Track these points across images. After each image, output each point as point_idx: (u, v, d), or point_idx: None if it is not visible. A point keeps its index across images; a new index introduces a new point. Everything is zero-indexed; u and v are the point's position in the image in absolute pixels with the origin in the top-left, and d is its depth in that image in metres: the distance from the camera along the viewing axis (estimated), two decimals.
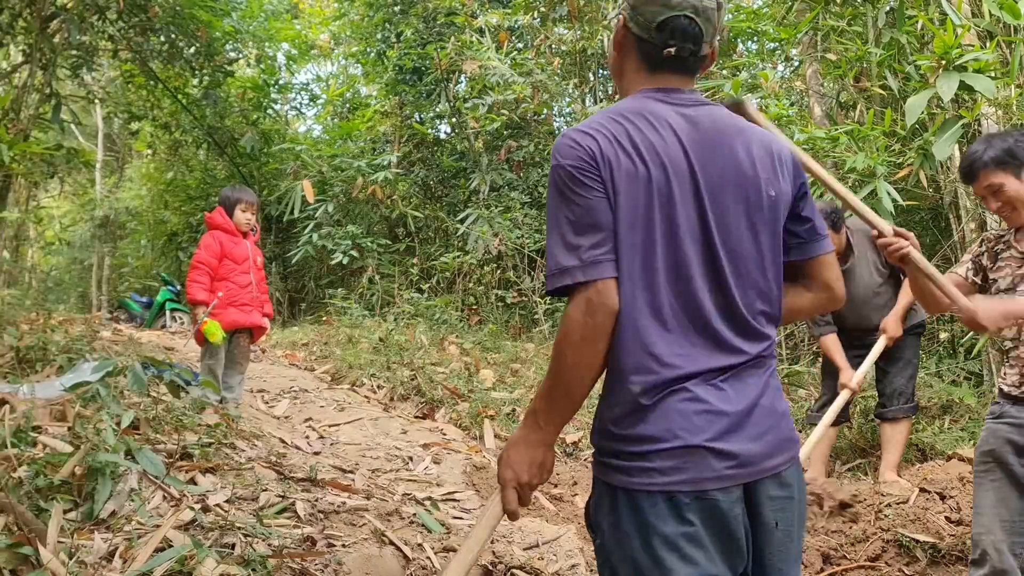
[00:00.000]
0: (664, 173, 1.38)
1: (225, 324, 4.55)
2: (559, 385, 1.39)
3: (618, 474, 1.37)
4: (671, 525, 1.31)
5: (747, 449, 1.36)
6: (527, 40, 10.39)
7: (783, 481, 1.41)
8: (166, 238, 14.31)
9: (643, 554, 1.33)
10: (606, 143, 1.38)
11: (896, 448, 4.25)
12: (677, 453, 1.33)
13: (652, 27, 1.47)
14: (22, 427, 2.73)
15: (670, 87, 1.51)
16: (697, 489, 1.32)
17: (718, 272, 1.40)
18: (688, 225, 1.38)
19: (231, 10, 10.93)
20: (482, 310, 9.00)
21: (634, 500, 1.34)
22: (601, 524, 1.42)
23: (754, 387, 1.41)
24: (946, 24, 4.85)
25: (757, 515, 1.38)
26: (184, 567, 2.12)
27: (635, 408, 1.35)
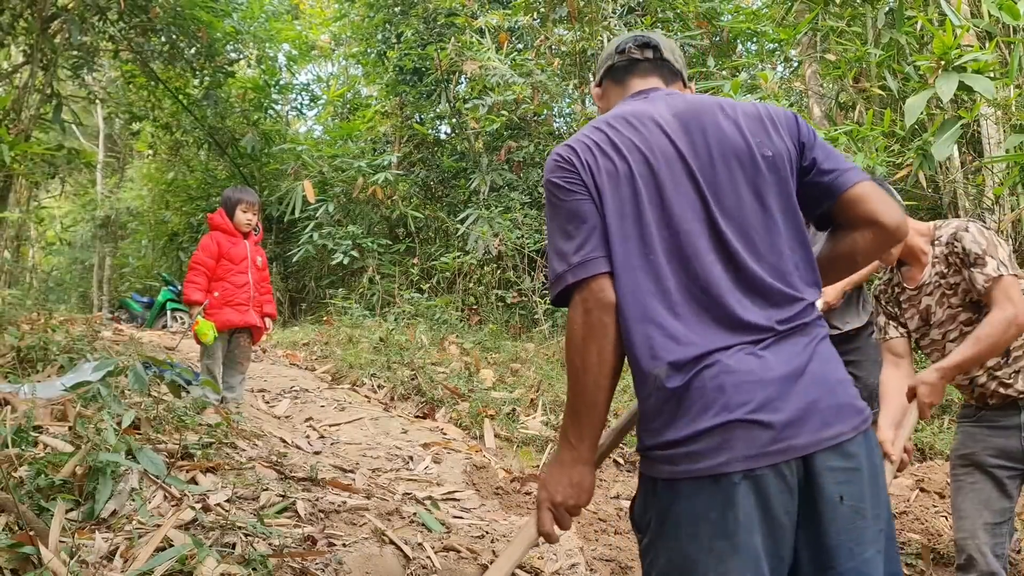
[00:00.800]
0: (647, 164, 1.42)
1: (220, 323, 4.58)
2: (577, 395, 1.39)
3: (661, 464, 1.33)
4: (719, 510, 1.25)
5: (796, 419, 1.27)
6: (527, 41, 10.40)
7: (846, 452, 1.30)
8: (167, 238, 14.32)
9: (693, 545, 1.27)
10: (584, 150, 1.45)
11: None
12: (717, 431, 1.26)
13: (613, 54, 1.71)
14: (23, 427, 2.73)
15: (646, 88, 1.63)
16: (744, 468, 1.24)
17: (725, 244, 1.38)
18: (683, 206, 1.39)
19: (232, 11, 10.93)
20: (482, 310, 9.00)
21: (678, 489, 1.29)
22: (648, 520, 1.37)
23: (799, 354, 1.33)
24: (945, 25, 4.86)
25: (818, 489, 1.28)
26: (185, 566, 2.13)
27: (665, 394, 1.31)
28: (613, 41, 1.74)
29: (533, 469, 4.64)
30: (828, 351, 1.40)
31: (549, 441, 4.97)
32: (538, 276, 8.90)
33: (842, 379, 1.38)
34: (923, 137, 5.26)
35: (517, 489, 4.20)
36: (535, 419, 5.29)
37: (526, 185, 9.95)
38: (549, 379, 6.07)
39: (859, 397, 1.39)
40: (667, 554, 1.31)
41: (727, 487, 1.25)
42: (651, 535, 1.35)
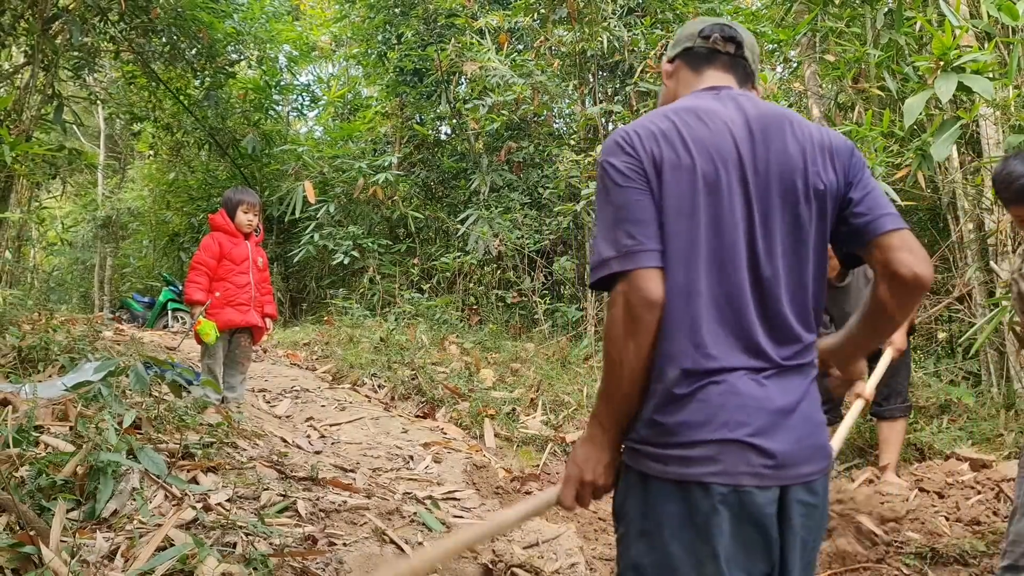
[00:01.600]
0: (712, 164, 1.39)
1: (221, 323, 4.61)
2: (612, 384, 1.38)
3: (653, 462, 1.35)
4: (704, 516, 1.29)
5: (786, 451, 1.32)
6: (527, 41, 10.40)
7: (813, 489, 1.37)
8: (168, 238, 14.33)
9: (675, 545, 1.31)
10: (649, 138, 1.40)
11: (895, 448, 4.28)
12: (715, 445, 1.30)
13: (696, 36, 1.61)
14: (24, 426, 2.74)
15: (719, 85, 1.56)
16: (734, 483, 1.29)
17: (758, 266, 1.39)
18: (734, 217, 1.38)
19: (233, 12, 10.94)
20: (482, 310, 9.01)
21: (668, 489, 1.32)
22: (628, 513, 1.40)
23: (795, 391, 1.38)
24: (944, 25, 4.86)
25: (787, 520, 1.34)
26: (185, 566, 2.14)
27: (672, 398, 1.34)
28: (696, 22, 1.66)
29: (533, 469, 4.65)
30: (815, 393, 1.44)
31: (549, 441, 4.98)
32: (538, 276, 8.91)
33: (821, 422, 1.43)
34: (922, 137, 5.26)
35: (517, 489, 4.21)
36: (535, 419, 5.30)
37: (526, 185, 9.96)
38: (549, 379, 6.08)
39: (828, 441, 1.45)
40: (647, 549, 1.35)
41: (715, 496, 1.29)
42: (631, 528, 1.40)
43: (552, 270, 8.82)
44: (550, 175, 9.48)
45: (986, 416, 5.04)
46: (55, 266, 18.17)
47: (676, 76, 1.65)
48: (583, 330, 8.18)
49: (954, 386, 5.53)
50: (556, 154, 8.94)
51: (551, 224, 9.01)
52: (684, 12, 9.09)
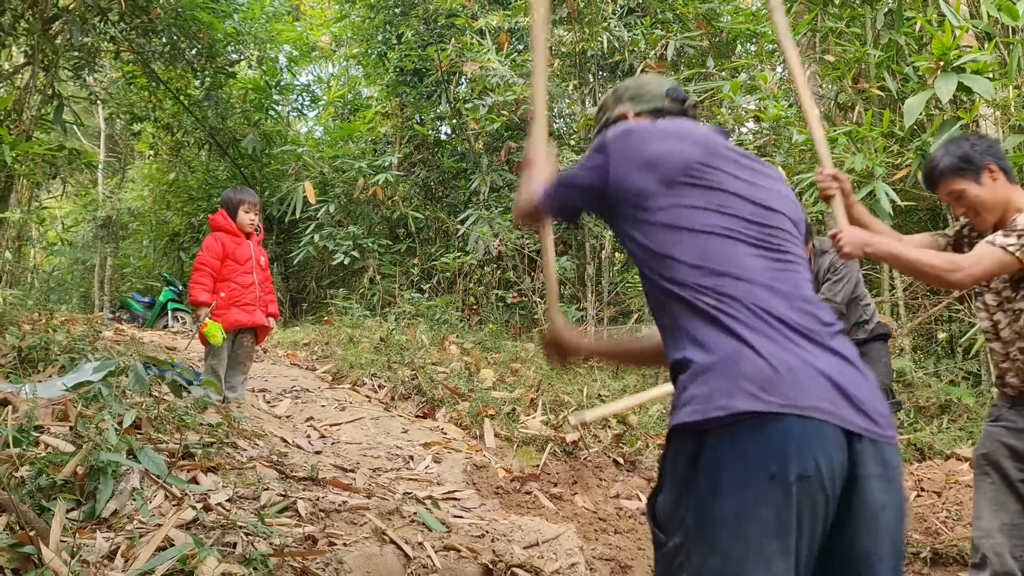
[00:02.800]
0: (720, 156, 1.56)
1: (227, 324, 4.59)
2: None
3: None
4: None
5: None
6: (527, 41, 10.39)
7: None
8: (168, 239, 14.32)
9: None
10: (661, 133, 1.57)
11: None
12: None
13: (665, 98, 1.76)
14: (24, 426, 2.74)
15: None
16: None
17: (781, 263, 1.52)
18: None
19: (233, 12, 10.93)
20: (482, 310, 9.01)
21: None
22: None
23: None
24: (944, 25, 4.86)
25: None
26: (186, 566, 2.14)
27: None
28: (654, 80, 1.77)
29: (533, 469, 4.65)
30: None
31: (549, 441, 4.98)
32: (538, 276, 8.91)
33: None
34: (922, 137, 5.26)
35: (517, 488, 4.21)
36: (535, 419, 5.30)
37: None
38: (549, 379, 6.08)
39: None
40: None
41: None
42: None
43: None
44: None
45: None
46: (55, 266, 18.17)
47: None
48: (583, 330, 8.18)
49: (954, 386, 5.54)
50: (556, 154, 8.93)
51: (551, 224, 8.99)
52: (684, 12, 9.09)
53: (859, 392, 1.30)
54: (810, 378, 1.27)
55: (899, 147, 5.74)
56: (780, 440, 1.22)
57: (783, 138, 6.41)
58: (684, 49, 9.15)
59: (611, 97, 1.83)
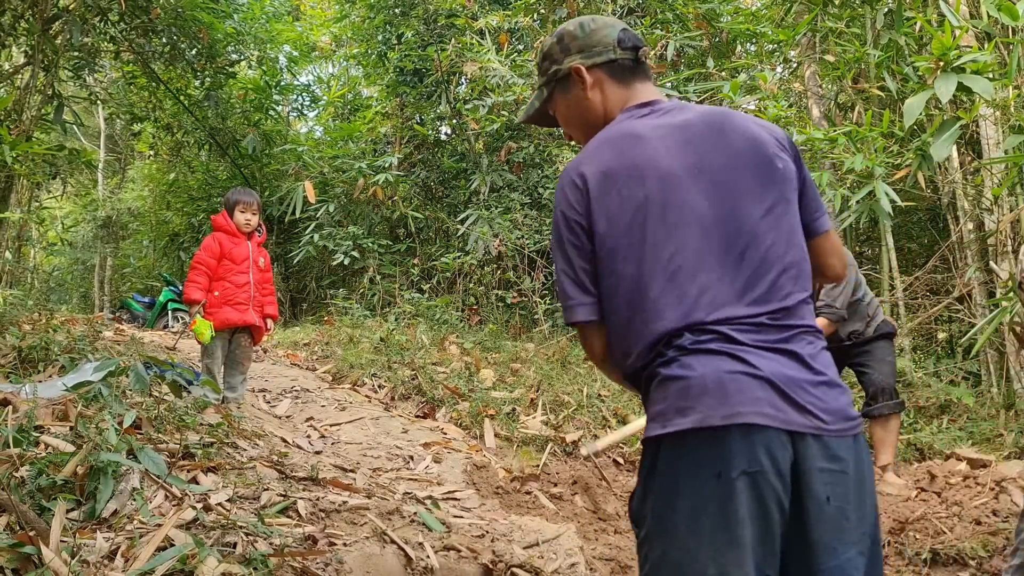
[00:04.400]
0: (663, 181, 1.46)
1: (219, 322, 4.63)
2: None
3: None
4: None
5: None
6: (527, 42, 10.40)
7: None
8: (168, 239, 14.33)
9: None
10: (594, 181, 1.48)
11: (890, 447, 4.27)
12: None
13: (613, 46, 1.62)
14: (24, 426, 2.74)
15: (647, 100, 1.61)
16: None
17: (741, 261, 1.44)
18: (703, 223, 1.44)
19: (233, 12, 10.93)
20: (482, 310, 9.01)
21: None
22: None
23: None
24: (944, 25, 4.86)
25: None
26: (186, 566, 2.14)
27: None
28: (599, 24, 1.65)
29: (533, 469, 4.65)
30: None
31: (549, 441, 4.98)
32: (538, 276, 8.91)
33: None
34: (922, 138, 5.26)
35: (517, 489, 4.21)
36: (535, 419, 5.30)
37: (526, 186, 9.95)
38: (549, 379, 6.08)
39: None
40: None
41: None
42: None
43: (552, 270, 8.81)
44: (550, 175, 9.48)
45: (986, 416, 5.05)
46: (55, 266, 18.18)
47: (602, 90, 1.64)
48: None
49: (954, 386, 5.54)
50: (556, 154, 8.95)
51: (551, 224, 8.99)
52: (684, 12, 9.09)
53: (804, 393, 1.37)
54: (753, 387, 1.35)
55: (899, 147, 5.74)
56: (725, 446, 1.32)
57: None
58: (684, 49, 9.15)
59: (556, 45, 1.68)
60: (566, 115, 1.70)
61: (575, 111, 1.67)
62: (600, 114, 1.64)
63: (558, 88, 1.68)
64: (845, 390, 1.45)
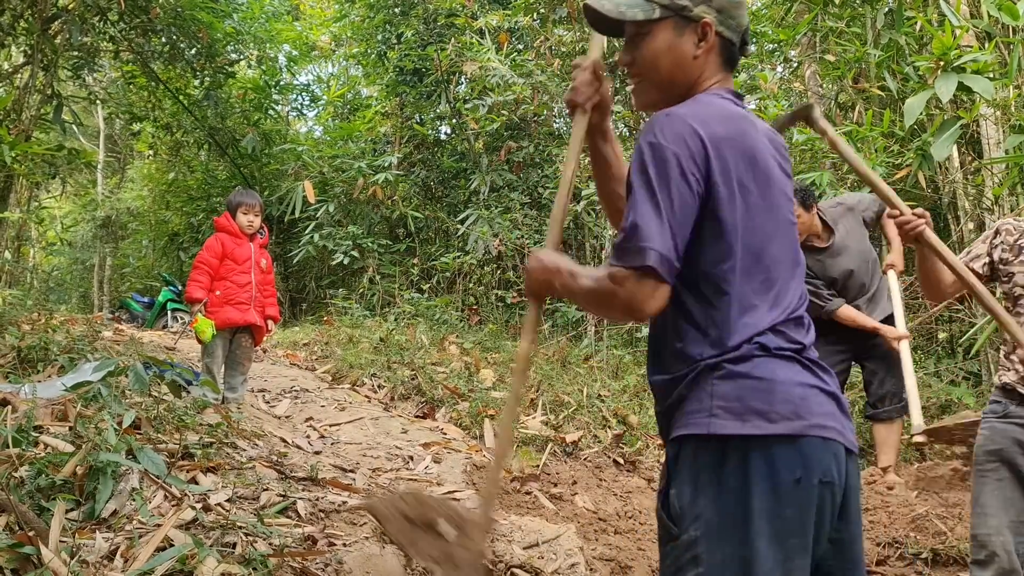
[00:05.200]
0: (762, 178, 1.45)
1: (220, 322, 4.65)
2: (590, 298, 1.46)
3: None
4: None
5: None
6: (527, 41, 10.40)
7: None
8: (167, 238, 14.33)
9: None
10: (721, 141, 1.39)
11: (893, 449, 4.27)
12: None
13: (740, 31, 1.54)
14: (24, 427, 2.74)
15: (734, 90, 1.59)
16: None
17: (794, 275, 1.51)
18: (781, 230, 1.48)
19: (232, 11, 10.93)
20: (482, 310, 9.01)
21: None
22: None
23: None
24: (945, 25, 4.86)
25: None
26: (185, 566, 2.13)
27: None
28: (744, 6, 1.54)
29: (533, 469, 4.65)
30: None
31: (549, 441, 4.98)
32: None
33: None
34: (922, 137, 5.26)
35: (517, 489, 4.20)
36: (535, 419, 5.29)
37: (526, 185, 9.95)
38: (549, 379, 6.07)
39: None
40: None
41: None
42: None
43: None
44: (550, 175, 9.48)
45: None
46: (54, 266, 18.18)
47: (707, 59, 1.51)
48: (583, 330, 8.18)
49: (955, 386, 5.53)
50: (556, 154, 8.94)
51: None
52: None
53: (846, 411, 1.44)
54: (823, 402, 1.38)
55: (899, 147, 5.73)
56: (805, 454, 1.33)
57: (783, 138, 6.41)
58: None
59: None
60: (655, 56, 1.51)
61: (671, 59, 1.50)
62: (691, 81, 1.52)
63: (672, 24, 1.49)
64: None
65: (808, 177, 5.70)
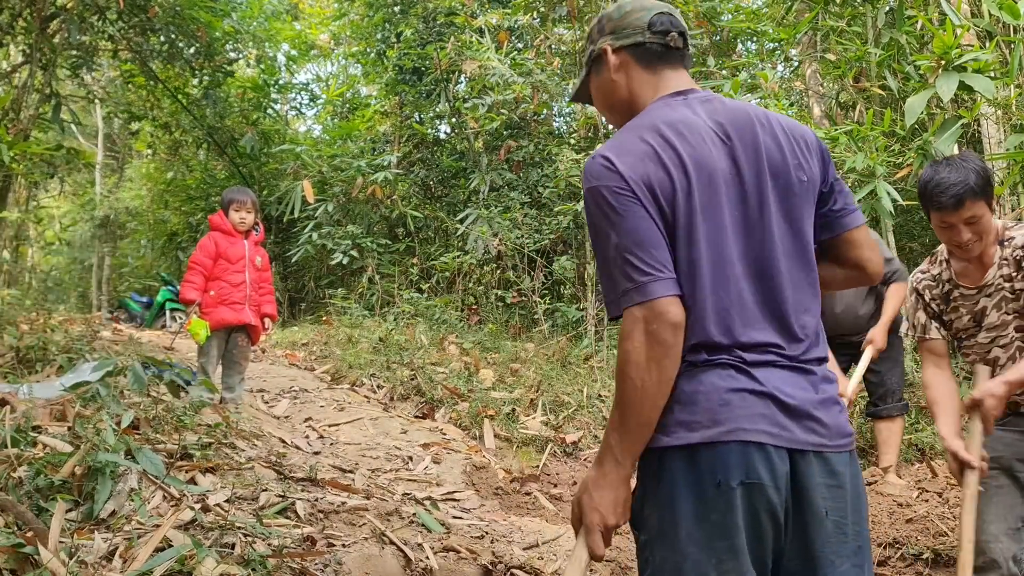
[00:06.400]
0: (706, 181, 1.39)
1: (215, 321, 4.61)
2: (632, 413, 1.34)
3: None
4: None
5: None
6: (527, 40, 10.40)
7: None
8: (166, 238, 14.32)
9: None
10: (637, 161, 1.38)
11: (894, 448, 4.27)
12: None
13: (644, 30, 1.55)
14: (22, 427, 2.73)
15: (681, 88, 1.54)
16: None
17: (762, 271, 1.42)
18: (736, 226, 1.41)
19: (231, 10, 10.92)
20: (482, 310, 9.00)
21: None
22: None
23: (804, 389, 1.44)
24: (945, 24, 4.86)
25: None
26: (184, 567, 2.12)
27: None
28: (639, 7, 1.57)
29: (533, 469, 4.64)
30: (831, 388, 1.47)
31: (549, 441, 4.97)
32: (538, 276, 8.90)
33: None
34: (923, 137, 5.25)
35: (516, 489, 4.20)
36: (535, 419, 5.29)
37: (526, 185, 9.94)
38: (549, 379, 6.06)
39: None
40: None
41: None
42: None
43: (552, 270, 8.80)
44: (550, 174, 9.46)
45: None
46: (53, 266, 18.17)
47: (627, 73, 1.57)
48: (583, 330, 8.17)
49: None
50: (556, 153, 8.93)
51: (551, 223, 9.00)
52: (684, 11, 9.07)
53: (809, 408, 1.39)
54: (752, 404, 1.35)
55: (900, 146, 5.73)
56: (724, 459, 1.33)
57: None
58: None
59: (596, 26, 1.64)
60: (596, 96, 1.67)
61: (601, 92, 1.64)
62: (624, 97, 1.58)
63: (593, 68, 1.64)
64: (843, 407, 1.47)
65: None
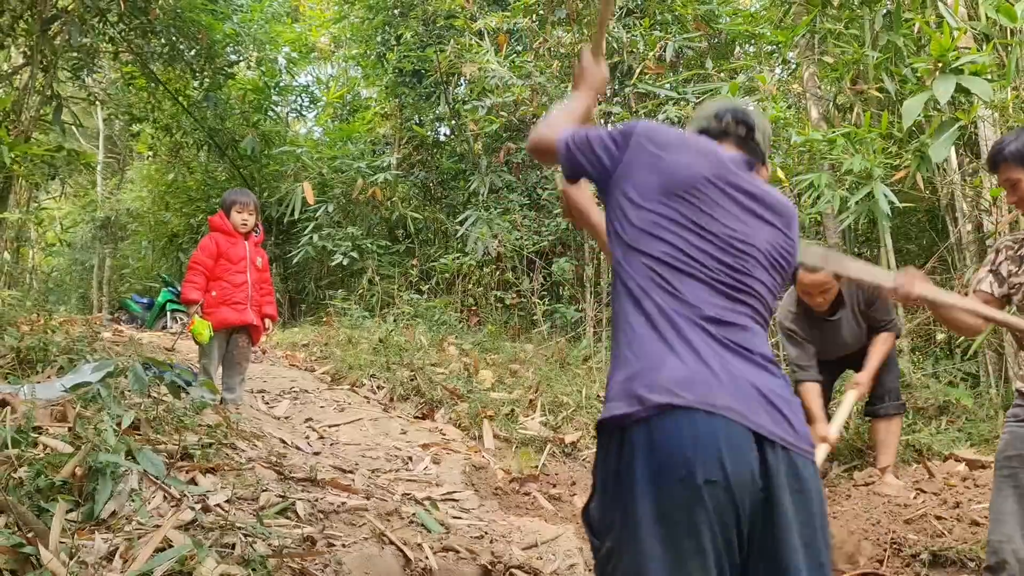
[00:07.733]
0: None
1: (217, 322, 4.62)
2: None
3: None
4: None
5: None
6: (526, 43, 10.39)
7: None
8: (167, 239, 14.31)
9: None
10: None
11: (891, 448, 4.28)
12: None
13: (711, 118, 1.85)
14: (23, 427, 2.74)
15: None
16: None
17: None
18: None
19: (232, 13, 10.93)
20: (481, 311, 9.01)
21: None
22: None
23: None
24: (943, 27, 4.87)
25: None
26: (184, 567, 2.14)
27: None
28: (715, 104, 1.83)
29: (532, 470, 4.65)
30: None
31: (548, 442, 4.98)
32: (537, 277, 8.91)
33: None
34: (921, 139, 5.27)
35: (516, 490, 4.21)
36: (534, 420, 5.30)
37: (525, 187, 9.96)
38: (548, 380, 6.07)
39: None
40: None
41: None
42: None
43: (551, 271, 8.82)
44: (549, 176, 9.48)
45: (984, 417, 5.04)
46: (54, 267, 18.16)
47: None
48: (582, 331, 8.18)
49: (953, 387, 5.54)
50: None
51: (550, 225, 9.01)
52: (683, 13, 9.09)
53: (782, 404, 1.41)
54: (730, 382, 1.36)
55: (897, 148, 5.74)
56: (688, 435, 1.30)
57: (782, 139, 6.41)
58: (683, 50, 9.15)
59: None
60: None
61: None
62: None
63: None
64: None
65: (805, 178, 5.71)
